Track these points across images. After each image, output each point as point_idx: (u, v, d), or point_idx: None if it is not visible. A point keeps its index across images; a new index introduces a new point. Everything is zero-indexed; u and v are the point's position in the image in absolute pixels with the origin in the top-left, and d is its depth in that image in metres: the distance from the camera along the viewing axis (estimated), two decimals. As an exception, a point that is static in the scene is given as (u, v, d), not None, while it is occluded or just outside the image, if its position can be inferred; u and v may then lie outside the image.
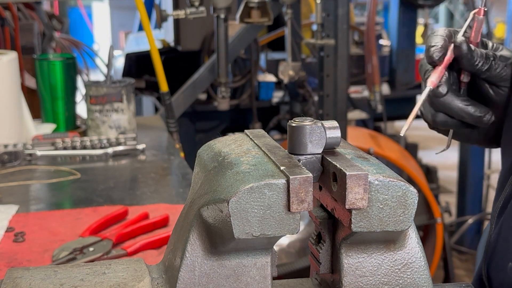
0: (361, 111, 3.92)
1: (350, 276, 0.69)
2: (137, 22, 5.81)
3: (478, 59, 0.97)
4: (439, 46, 0.97)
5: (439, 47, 0.97)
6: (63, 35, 3.83)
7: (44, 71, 2.12)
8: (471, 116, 0.99)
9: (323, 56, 2.88)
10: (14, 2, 2.70)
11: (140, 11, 2.32)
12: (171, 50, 3.85)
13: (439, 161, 4.91)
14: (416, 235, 0.70)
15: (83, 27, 10.80)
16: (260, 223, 0.63)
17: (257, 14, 2.78)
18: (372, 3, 3.84)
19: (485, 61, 0.97)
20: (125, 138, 1.97)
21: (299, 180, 0.63)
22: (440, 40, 0.97)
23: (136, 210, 1.48)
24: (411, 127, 0.94)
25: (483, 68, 0.98)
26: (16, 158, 1.85)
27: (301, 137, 0.68)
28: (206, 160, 0.73)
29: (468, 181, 4.13)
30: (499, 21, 6.40)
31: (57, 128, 2.13)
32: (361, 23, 4.31)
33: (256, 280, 0.68)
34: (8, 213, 1.47)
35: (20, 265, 1.23)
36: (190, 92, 3.21)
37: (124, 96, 2.02)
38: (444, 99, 0.99)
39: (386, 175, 0.66)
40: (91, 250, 1.28)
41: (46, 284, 0.69)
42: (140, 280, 0.69)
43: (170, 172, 1.85)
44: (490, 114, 1.00)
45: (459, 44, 0.97)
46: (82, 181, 1.73)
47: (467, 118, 1.00)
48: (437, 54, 0.96)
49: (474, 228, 4.15)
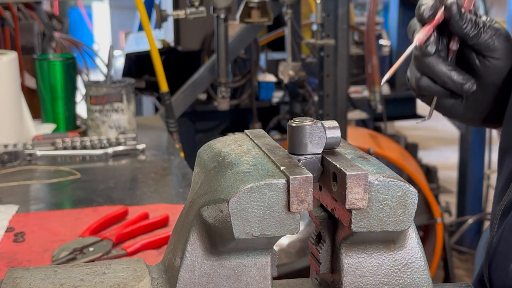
0: (361, 111, 3.92)
1: (350, 276, 0.69)
2: (137, 22, 5.81)
3: (467, 23, 0.96)
4: (430, 4, 0.96)
5: (430, 5, 0.96)
6: (63, 35, 3.83)
7: (44, 71, 2.12)
8: (453, 82, 0.99)
9: (323, 56, 2.88)
10: (14, 2, 2.70)
11: (140, 11, 2.32)
12: (171, 50, 3.85)
13: (439, 161, 4.91)
14: (416, 235, 0.70)
15: (83, 27, 10.79)
16: (260, 223, 0.63)
17: (257, 14, 2.79)
18: (372, 3, 3.84)
19: (474, 26, 0.97)
20: (125, 138, 1.97)
21: (299, 180, 0.63)
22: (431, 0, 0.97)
23: (136, 210, 1.48)
24: (411, 127, 0.94)
25: (471, 33, 0.97)
26: (16, 158, 1.85)
27: (301, 137, 0.68)
28: (206, 160, 0.73)
29: (468, 181, 4.13)
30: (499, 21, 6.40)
31: (57, 128, 2.13)
32: (361, 23, 4.31)
33: (256, 280, 0.68)
34: (8, 213, 1.47)
35: (20, 265, 1.23)
36: (190, 92, 3.21)
37: (124, 96, 2.02)
38: (429, 60, 0.99)
39: (386, 175, 0.66)
40: (91, 250, 1.28)
41: (46, 284, 0.69)
42: (140, 280, 0.69)
43: (170, 172, 1.85)
44: (472, 83, 1.00)
45: (449, 5, 0.96)
46: (82, 181, 1.73)
47: (449, 83, 1.00)
48: (427, 12, 0.96)
49: (474, 228, 4.15)
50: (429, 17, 0.96)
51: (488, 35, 0.97)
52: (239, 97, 3.71)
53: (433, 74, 1.00)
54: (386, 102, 3.96)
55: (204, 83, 3.25)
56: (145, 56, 3.31)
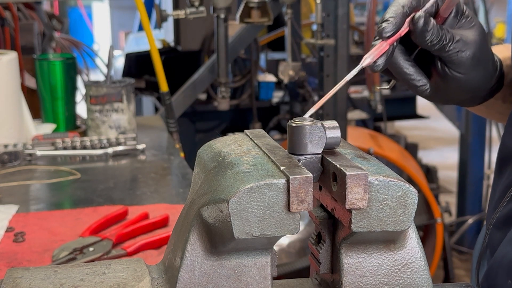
0: (361, 111, 3.92)
1: (350, 276, 0.69)
2: (137, 22, 5.82)
3: (430, 37, 0.91)
4: (393, 22, 0.89)
5: (392, 24, 0.89)
6: (63, 35, 3.83)
7: (44, 71, 2.12)
8: (407, 81, 0.96)
9: (323, 56, 2.88)
10: (14, 2, 2.70)
11: (140, 11, 2.32)
12: (171, 50, 3.85)
13: (439, 161, 4.91)
14: (416, 235, 0.70)
15: (83, 27, 10.79)
16: (260, 223, 0.63)
17: (257, 14, 2.79)
18: (372, 3, 3.84)
19: (438, 42, 0.91)
20: (125, 138, 1.97)
21: (299, 180, 0.63)
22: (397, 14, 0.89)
23: (136, 210, 1.48)
24: (411, 127, 0.93)
25: (434, 48, 0.92)
26: (16, 158, 1.85)
27: (301, 137, 0.68)
28: (206, 160, 0.73)
29: (468, 181, 4.13)
30: (499, 21, 6.40)
31: (57, 128, 2.13)
32: (361, 23, 4.31)
33: (256, 280, 0.68)
34: (8, 213, 1.47)
35: (20, 265, 1.23)
36: (190, 92, 3.21)
37: (124, 96, 2.02)
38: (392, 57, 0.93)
39: (386, 175, 0.66)
40: (91, 250, 1.28)
41: (46, 284, 0.69)
42: (140, 280, 0.69)
43: (170, 172, 1.85)
44: (426, 88, 0.96)
45: (416, 19, 0.90)
46: (82, 181, 1.73)
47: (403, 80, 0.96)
48: (387, 31, 0.89)
49: (474, 228, 4.15)
50: (389, 37, 0.89)
51: (453, 51, 0.93)
52: (239, 97, 3.71)
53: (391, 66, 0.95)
54: (386, 102, 3.96)
55: (204, 83, 3.25)
56: (145, 56, 3.31)
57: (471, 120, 4.00)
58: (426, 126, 6.60)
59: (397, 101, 4.23)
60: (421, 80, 0.96)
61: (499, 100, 1.07)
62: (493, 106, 1.09)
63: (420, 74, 0.96)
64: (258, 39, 3.64)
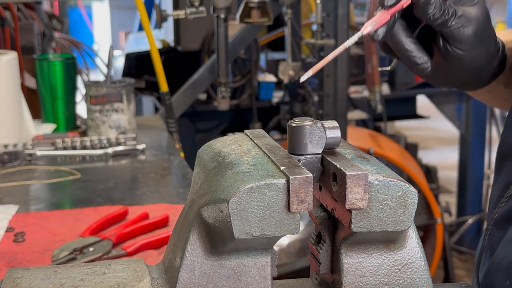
0: (361, 111, 3.92)
1: (350, 276, 0.69)
2: (137, 22, 5.81)
3: (433, 11, 0.90)
4: None
5: None
6: (63, 35, 3.83)
7: (44, 71, 2.12)
8: (408, 59, 0.95)
9: (323, 56, 2.88)
10: (14, 2, 2.70)
11: (140, 11, 2.32)
12: (171, 50, 3.85)
13: (439, 161, 4.91)
14: (416, 235, 0.70)
15: (83, 27, 10.79)
16: (260, 223, 0.63)
17: (257, 14, 2.78)
18: (372, 3, 3.83)
19: (440, 16, 0.91)
20: (125, 138, 1.97)
21: (299, 180, 0.63)
22: None
23: (136, 210, 1.48)
24: (411, 127, 0.93)
25: (436, 22, 0.91)
26: (16, 158, 1.85)
27: (301, 137, 0.68)
28: (206, 160, 0.73)
29: (468, 181, 4.13)
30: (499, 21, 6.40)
31: (57, 128, 2.13)
32: (361, 23, 4.31)
33: (256, 280, 0.68)
34: (8, 213, 1.47)
35: (20, 265, 1.23)
36: (190, 92, 3.21)
37: (124, 96, 2.02)
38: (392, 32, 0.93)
39: (386, 175, 0.66)
40: (91, 250, 1.28)
41: (46, 284, 0.69)
42: (140, 280, 0.69)
43: (170, 172, 1.85)
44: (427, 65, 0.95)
45: None
46: (82, 181, 1.73)
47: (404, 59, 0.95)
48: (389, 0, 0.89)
49: (474, 228, 4.15)
50: (391, 6, 0.89)
51: (455, 26, 0.92)
52: (239, 97, 3.71)
53: (392, 44, 0.95)
54: (386, 102, 3.96)
55: (204, 83, 3.25)
56: (145, 56, 3.31)
57: (471, 120, 4.00)
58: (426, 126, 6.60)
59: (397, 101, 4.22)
60: (422, 57, 0.95)
61: (501, 85, 1.06)
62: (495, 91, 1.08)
63: (421, 52, 0.95)
64: (258, 39, 3.64)
